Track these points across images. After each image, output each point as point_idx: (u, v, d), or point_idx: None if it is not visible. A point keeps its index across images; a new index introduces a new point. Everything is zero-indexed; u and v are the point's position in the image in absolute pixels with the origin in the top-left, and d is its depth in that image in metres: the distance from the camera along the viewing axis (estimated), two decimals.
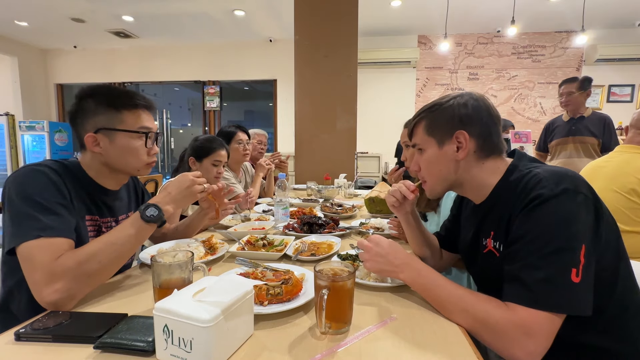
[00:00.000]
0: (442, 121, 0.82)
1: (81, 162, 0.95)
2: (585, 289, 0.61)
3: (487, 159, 0.80)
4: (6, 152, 6.03)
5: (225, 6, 4.48)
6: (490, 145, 0.80)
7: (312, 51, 3.07)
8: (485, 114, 0.80)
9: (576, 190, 0.65)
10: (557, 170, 0.70)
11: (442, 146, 0.82)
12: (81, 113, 0.91)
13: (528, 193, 0.68)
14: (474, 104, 0.80)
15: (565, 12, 4.47)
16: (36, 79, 6.25)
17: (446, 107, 0.81)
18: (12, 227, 0.77)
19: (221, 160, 1.75)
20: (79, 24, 5.07)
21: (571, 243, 0.62)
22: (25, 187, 0.79)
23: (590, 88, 2.76)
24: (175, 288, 0.60)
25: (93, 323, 0.64)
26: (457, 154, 0.80)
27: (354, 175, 3.06)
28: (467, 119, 0.79)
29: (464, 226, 0.96)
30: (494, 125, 0.81)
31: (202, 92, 6.14)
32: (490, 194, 0.80)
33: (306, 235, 1.28)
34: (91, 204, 0.94)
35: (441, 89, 5.44)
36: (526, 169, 0.75)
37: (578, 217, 0.64)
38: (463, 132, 0.79)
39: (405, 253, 0.81)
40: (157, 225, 0.86)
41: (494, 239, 0.79)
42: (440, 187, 0.87)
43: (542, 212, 0.65)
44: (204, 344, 0.51)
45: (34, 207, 0.77)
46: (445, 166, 0.82)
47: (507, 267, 0.68)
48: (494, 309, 0.64)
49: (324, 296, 0.60)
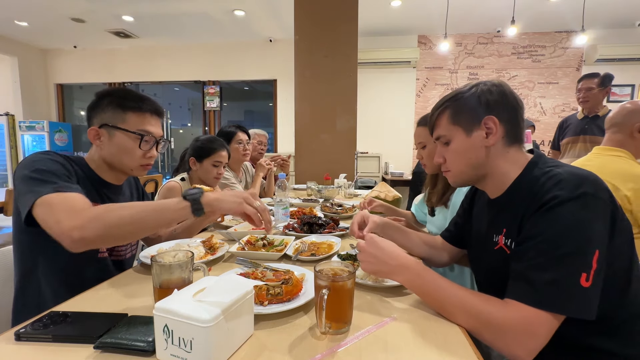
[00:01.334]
0: (468, 109, 0.80)
1: (86, 157, 1.01)
2: (593, 294, 0.61)
3: (512, 146, 0.80)
4: (6, 152, 6.03)
5: (225, 6, 4.48)
6: (517, 130, 0.80)
7: (312, 51, 3.07)
8: (511, 98, 0.79)
9: (595, 195, 0.64)
10: (579, 172, 0.69)
11: (471, 134, 0.80)
12: (95, 109, 0.98)
13: (546, 193, 0.67)
14: (498, 90, 0.79)
15: (565, 12, 4.46)
16: (36, 79, 6.24)
17: (470, 94, 0.80)
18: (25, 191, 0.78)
19: (222, 161, 1.74)
20: (79, 24, 5.07)
21: (584, 247, 0.62)
22: (35, 162, 0.83)
23: (610, 85, 2.68)
24: (175, 288, 0.60)
25: (93, 323, 0.64)
26: (487, 140, 0.78)
27: (354, 175, 3.06)
28: (495, 104, 0.78)
29: (475, 221, 0.95)
30: (520, 109, 0.80)
31: (202, 92, 6.14)
32: (508, 188, 0.79)
33: (306, 235, 1.28)
34: (95, 196, 0.98)
35: (441, 89, 5.44)
36: (547, 167, 0.74)
37: (594, 222, 0.63)
38: (492, 117, 0.77)
39: (403, 254, 0.78)
40: (191, 210, 0.81)
41: (505, 236, 0.78)
42: (467, 176, 0.84)
43: (558, 214, 0.64)
44: (204, 344, 0.51)
45: (46, 175, 0.80)
46: (474, 154, 0.80)
47: (514, 265, 0.67)
48: (495, 309, 0.64)
49: (324, 296, 0.60)
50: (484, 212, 0.90)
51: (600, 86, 2.65)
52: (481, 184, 0.87)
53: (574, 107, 5.19)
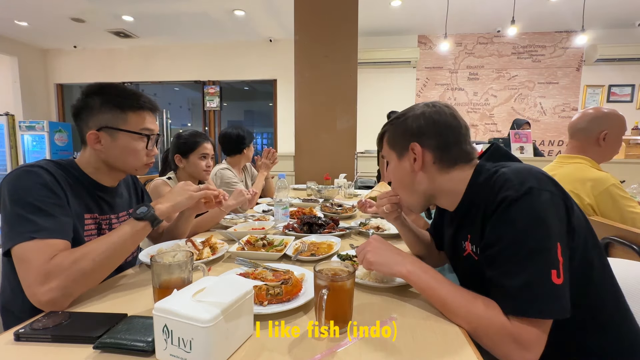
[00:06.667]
0: (399, 134, 0.84)
1: (78, 160, 0.96)
2: (566, 290, 0.61)
3: (452, 168, 0.80)
4: (6, 152, 6.03)
5: (225, 6, 4.48)
6: (452, 155, 0.79)
7: (312, 51, 3.07)
8: (443, 125, 0.79)
9: (541, 187, 0.64)
10: (521, 168, 0.69)
11: (401, 158, 0.84)
12: (86, 110, 0.92)
13: (495, 195, 0.67)
14: (430, 115, 0.80)
15: (565, 12, 4.47)
16: (36, 79, 6.25)
17: (404, 119, 0.83)
18: (6, 229, 0.77)
19: (208, 153, 1.74)
20: (79, 24, 5.07)
21: (545, 244, 0.61)
22: (17, 189, 0.79)
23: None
24: (175, 288, 0.60)
25: (93, 323, 0.64)
26: (413, 165, 0.81)
27: (354, 175, 3.06)
28: (420, 131, 0.80)
29: (446, 228, 0.96)
30: (455, 135, 0.79)
31: (202, 92, 6.14)
32: (461, 201, 0.80)
33: (306, 235, 1.28)
34: (90, 202, 0.95)
35: (441, 89, 5.45)
36: (493, 168, 0.74)
37: (547, 215, 0.63)
38: (416, 144, 0.80)
39: (406, 252, 0.82)
40: (150, 224, 0.87)
41: (471, 242, 0.78)
42: (413, 200, 0.87)
43: (511, 215, 0.64)
44: (203, 344, 0.51)
45: (27, 209, 0.77)
46: (407, 178, 0.84)
47: (489, 274, 0.67)
48: (494, 316, 0.63)
49: (323, 296, 0.60)
50: (450, 219, 0.90)
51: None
52: (436, 202, 0.88)
53: (574, 107, 5.19)
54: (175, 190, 1.00)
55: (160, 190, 1.60)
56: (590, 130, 1.46)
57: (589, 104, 5.15)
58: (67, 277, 0.73)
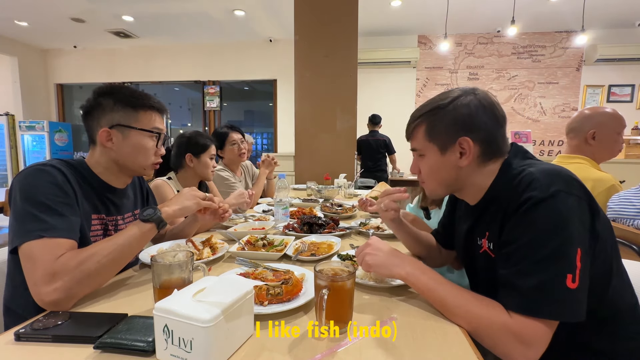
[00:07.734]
0: (443, 126, 0.76)
1: (87, 160, 0.97)
2: (581, 294, 0.60)
3: (489, 162, 0.77)
4: (6, 152, 6.03)
5: (225, 6, 4.48)
6: (493, 149, 0.76)
7: (312, 51, 3.07)
8: (490, 116, 0.74)
9: (568, 191, 0.63)
10: (550, 169, 0.68)
11: (445, 153, 0.77)
12: (98, 109, 0.94)
13: (520, 194, 0.66)
14: (476, 106, 0.74)
15: (565, 12, 4.46)
16: (36, 79, 6.24)
17: (448, 110, 0.75)
18: (16, 226, 0.77)
19: (214, 154, 1.79)
20: (79, 24, 5.07)
21: (566, 248, 0.60)
22: (29, 187, 0.80)
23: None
24: (175, 288, 0.60)
25: (93, 323, 0.64)
26: (460, 160, 0.76)
27: (354, 175, 3.06)
28: (470, 123, 0.74)
29: (459, 224, 0.94)
30: (499, 127, 0.76)
31: (202, 92, 6.14)
32: (484, 195, 0.78)
33: (306, 235, 1.28)
34: (98, 202, 0.96)
35: (441, 88, 5.44)
36: (520, 167, 0.72)
37: (572, 220, 0.62)
38: (467, 139, 0.74)
39: (405, 254, 0.81)
40: (156, 226, 0.88)
41: (488, 240, 0.77)
42: (441, 191, 0.85)
43: (535, 215, 0.63)
44: (204, 344, 0.51)
45: (37, 207, 0.78)
46: (447, 173, 0.79)
47: (501, 271, 0.67)
48: (495, 315, 0.63)
49: (323, 296, 0.60)
50: (466, 216, 0.89)
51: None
52: (458, 195, 0.87)
53: (574, 107, 5.19)
54: (183, 194, 1.02)
55: (162, 190, 1.60)
56: (580, 130, 1.49)
57: (589, 104, 5.15)
58: (72, 279, 0.73)
